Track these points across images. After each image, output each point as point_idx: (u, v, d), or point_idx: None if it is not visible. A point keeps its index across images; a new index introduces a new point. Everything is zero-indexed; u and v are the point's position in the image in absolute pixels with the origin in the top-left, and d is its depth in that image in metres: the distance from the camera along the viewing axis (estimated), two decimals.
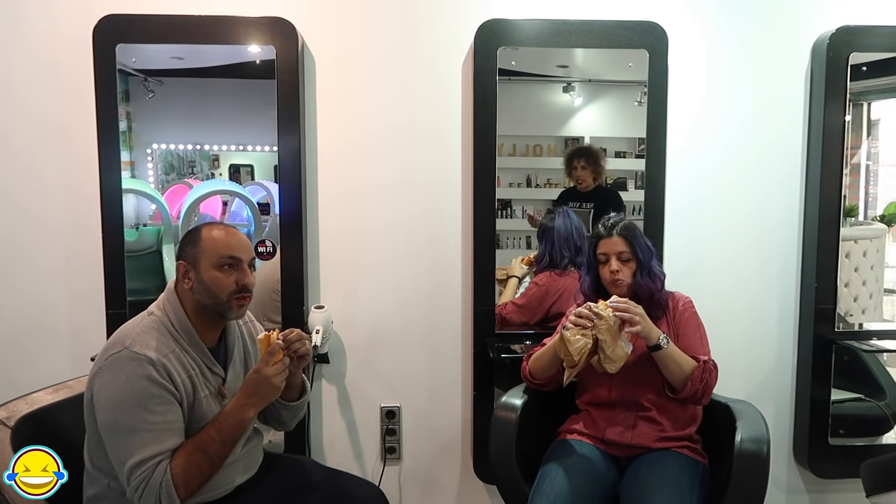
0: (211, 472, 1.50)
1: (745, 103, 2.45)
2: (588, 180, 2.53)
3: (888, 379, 2.55)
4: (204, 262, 1.55)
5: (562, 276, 2.37)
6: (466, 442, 2.53)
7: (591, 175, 2.53)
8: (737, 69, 2.44)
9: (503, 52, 2.30)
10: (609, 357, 1.73)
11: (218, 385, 1.59)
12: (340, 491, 1.77)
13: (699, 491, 1.78)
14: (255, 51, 2.28)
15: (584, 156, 2.53)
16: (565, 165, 2.53)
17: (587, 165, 2.52)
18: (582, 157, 2.53)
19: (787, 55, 2.44)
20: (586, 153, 2.53)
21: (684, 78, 2.42)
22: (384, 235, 2.42)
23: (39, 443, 1.57)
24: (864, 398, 2.53)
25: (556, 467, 1.82)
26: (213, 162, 2.48)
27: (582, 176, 2.52)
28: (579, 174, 2.52)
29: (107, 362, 1.46)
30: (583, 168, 2.52)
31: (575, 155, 2.53)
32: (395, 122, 2.39)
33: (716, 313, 2.17)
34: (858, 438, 2.50)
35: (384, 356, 2.48)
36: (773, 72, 2.45)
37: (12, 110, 2.29)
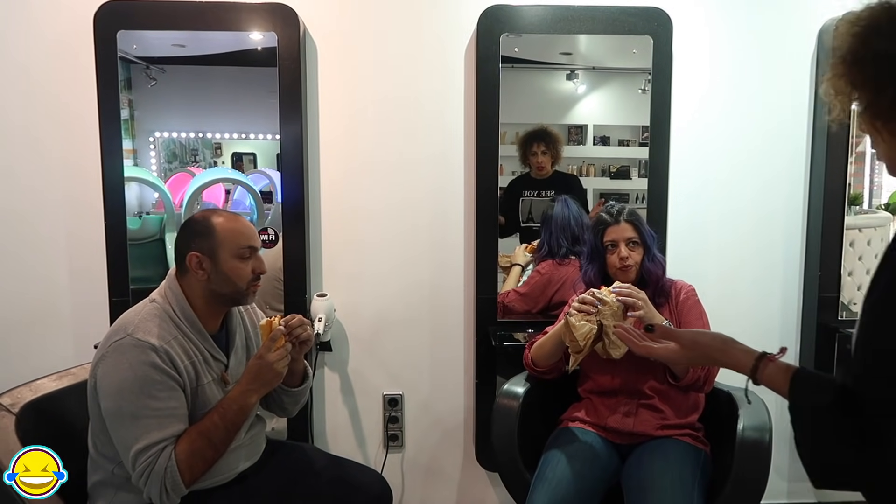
0: (215, 458, 1.51)
1: (750, 90, 2.43)
2: (547, 167, 2.43)
3: None
4: (223, 254, 1.55)
5: (563, 265, 2.37)
6: (469, 429, 2.54)
7: (550, 160, 2.43)
8: (742, 55, 2.42)
9: (506, 38, 2.28)
10: (614, 342, 1.73)
11: (220, 371, 1.60)
12: (343, 478, 1.78)
13: (701, 479, 1.78)
14: (257, 38, 2.27)
15: (544, 140, 2.41)
16: (520, 150, 2.41)
17: (547, 150, 2.41)
18: (542, 142, 2.41)
19: (793, 41, 2.42)
20: (545, 137, 2.41)
21: (688, 65, 2.40)
22: (386, 223, 2.42)
23: (43, 429, 1.58)
24: None
25: (558, 454, 1.83)
26: (215, 150, 2.48)
27: (542, 162, 2.40)
28: (539, 160, 2.41)
29: (110, 349, 1.46)
30: (543, 153, 2.41)
31: (533, 139, 2.41)
32: (398, 110, 2.38)
33: (718, 301, 2.16)
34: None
35: (387, 344, 2.48)
36: (779, 58, 2.43)
37: (14, 99, 2.29)
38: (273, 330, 1.56)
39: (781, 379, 1.12)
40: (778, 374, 1.13)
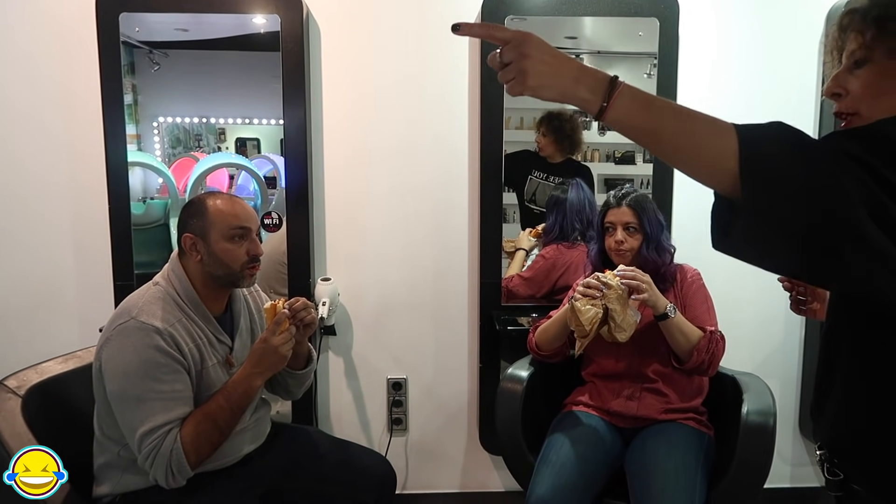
0: (220, 441, 1.52)
1: (757, 73, 2.40)
2: (548, 150, 2.42)
3: None
4: (214, 235, 1.55)
5: (569, 249, 2.36)
6: (472, 413, 2.55)
7: (553, 146, 2.41)
8: (749, 38, 2.39)
9: (511, 21, 2.26)
10: (620, 326, 1.73)
11: (225, 354, 1.60)
12: (347, 460, 1.79)
13: (704, 462, 1.78)
14: (260, 21, 2.26)
15: (547, 123, 2.40)
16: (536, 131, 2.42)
17: (548, 133, 2.39)
18: (544, 124, 2.40)
19: (801, 23, 2.39)
20: (546, 120, 2.39)
21: (695, 47, 2.38)
22: (390, 207, 2.42)
23: (49, 411, 1.59)
24: None
25: (562, 438, 1.83)
26: (219, 135, 2.48)
27: (542, 144, 2.40)
28: (539, 140, 2.40)
29: (114, 332, 1.47)
30: (543, 135, 2.39)
31: (542, 119, 2.40)
32: (402, 93, 2.36)
33: (724, 286, 2.15)
34: None
35: (391, 328, 2.49)
36: (786, 41, 2.40)
37: (18, 84, 2.28)
38: (277, 313, 1.56)
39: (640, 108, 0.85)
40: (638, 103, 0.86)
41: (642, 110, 0.86)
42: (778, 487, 2.60)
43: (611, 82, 0.85)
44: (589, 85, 0.86)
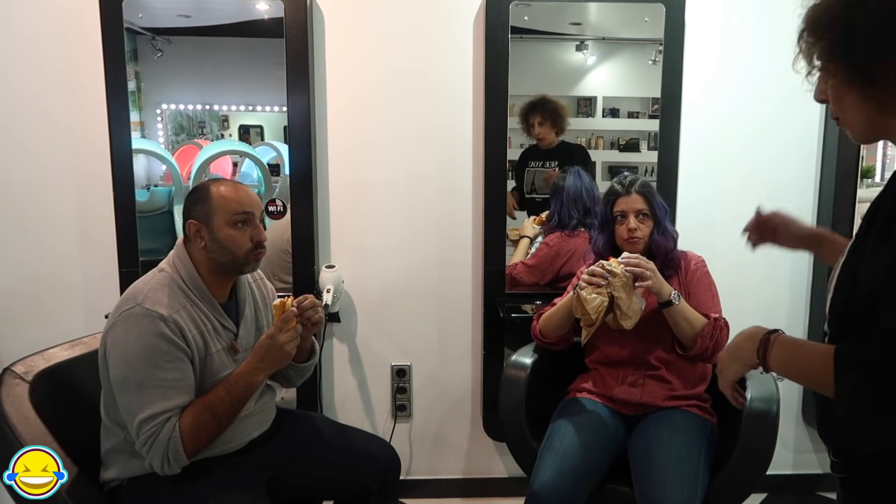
0: (218, 432, 1.52)
1: (763, 60, 2.38)
2: (549, 136, 2.41)
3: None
4: (217, 221, 1.55)
5: (572, 237, 2.36)
6: (476, 400, 2.56)
7: (552, 130, 2.40)
8: (755, 25, 2.37)
9: (515, 7, 2.25)
10: (625, 313, 1.74)
11: (230, 340, 1.61)
12: (352, 447, 1.80)
13: (707, 450, 1.79)
14: (263, 7, 2.25)
15: (540, 111, 2.39)
16: (521, 123, 2.40)
17: (545, 121, 2.39)
18: (537, 113, 2.39)
19: None
20: (540, 107, 2.39)
21: (701, 34, 2.36)
22: (394, 195, 2.42)
23: (57, 397, 1.60)
24: None
25: (566, 425, 1.84)
26: (222, 123, 2.47)
27: (541, 133, 2.39)
28: (538, 131, 2.39)
29: (119, 318, 1.48)
30: (540, 124, 2.39)
31: (530, 110, 2.39)
32: (406, 81, 2.35)
33: (727, 274, 2.15)
34: None
35: (395, 315, 2.49)
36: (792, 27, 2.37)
37: (21, 71, 2.28)
38: (286, 311, 1.57)
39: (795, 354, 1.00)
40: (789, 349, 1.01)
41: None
42: (780, 474, 2.61)
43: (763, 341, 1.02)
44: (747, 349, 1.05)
